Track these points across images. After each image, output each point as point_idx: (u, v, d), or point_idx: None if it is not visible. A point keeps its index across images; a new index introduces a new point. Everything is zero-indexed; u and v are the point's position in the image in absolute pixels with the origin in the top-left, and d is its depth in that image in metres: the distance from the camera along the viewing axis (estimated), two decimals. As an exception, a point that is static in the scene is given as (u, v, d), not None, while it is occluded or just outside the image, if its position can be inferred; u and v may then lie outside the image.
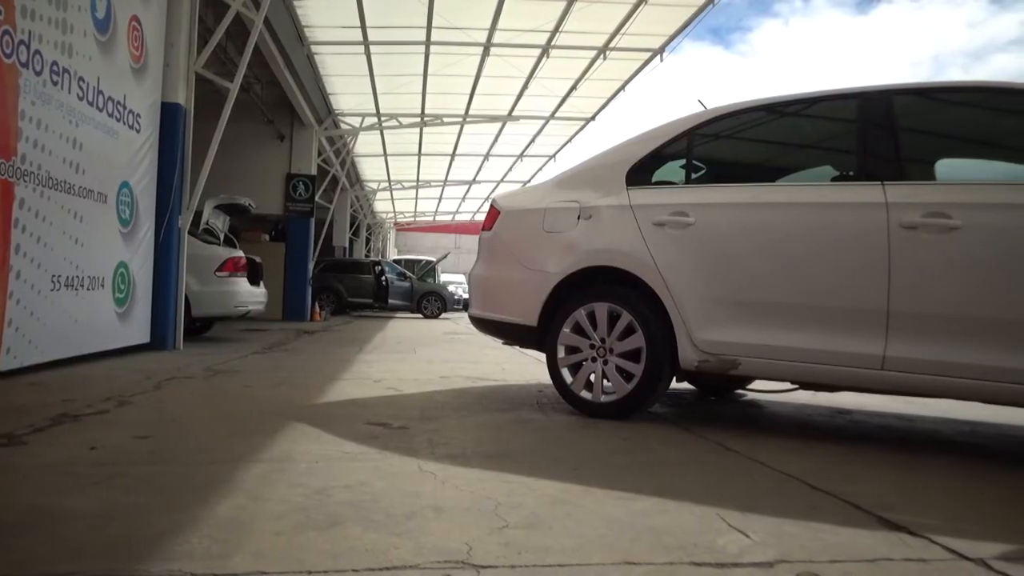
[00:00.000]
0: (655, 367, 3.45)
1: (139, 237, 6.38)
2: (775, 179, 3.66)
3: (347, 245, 23.13)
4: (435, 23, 10.55)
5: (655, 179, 3.80)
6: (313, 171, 14.80)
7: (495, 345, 7.91)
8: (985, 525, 2.03)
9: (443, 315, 19.33)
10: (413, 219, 37.11)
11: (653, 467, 2.63)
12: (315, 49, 11.74)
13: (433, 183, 24.09)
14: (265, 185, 14.15)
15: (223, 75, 8.24)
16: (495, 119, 15.54)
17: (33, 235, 4.64)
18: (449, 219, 35.64)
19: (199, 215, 7.99)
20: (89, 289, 5.46)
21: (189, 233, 7.30)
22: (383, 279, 18.54)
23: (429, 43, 11.36)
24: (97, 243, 5.57)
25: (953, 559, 1.74)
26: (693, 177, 3.79)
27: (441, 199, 28.60)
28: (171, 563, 1.57)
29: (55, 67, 4.82)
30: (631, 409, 3.56)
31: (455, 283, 26.15)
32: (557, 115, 15.43)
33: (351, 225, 24.08)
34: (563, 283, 3.78)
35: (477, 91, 13.76)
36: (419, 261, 25.83)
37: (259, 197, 11.56)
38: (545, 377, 4.13)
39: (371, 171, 22.35)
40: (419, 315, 19.10)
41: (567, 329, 3.72)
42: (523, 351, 7.20)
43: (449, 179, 23.31)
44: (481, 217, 23.08)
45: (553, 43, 11.34)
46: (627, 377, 3.53)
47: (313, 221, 14.97)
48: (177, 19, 6.87)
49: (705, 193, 3.62)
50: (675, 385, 4.14)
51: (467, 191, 26.20)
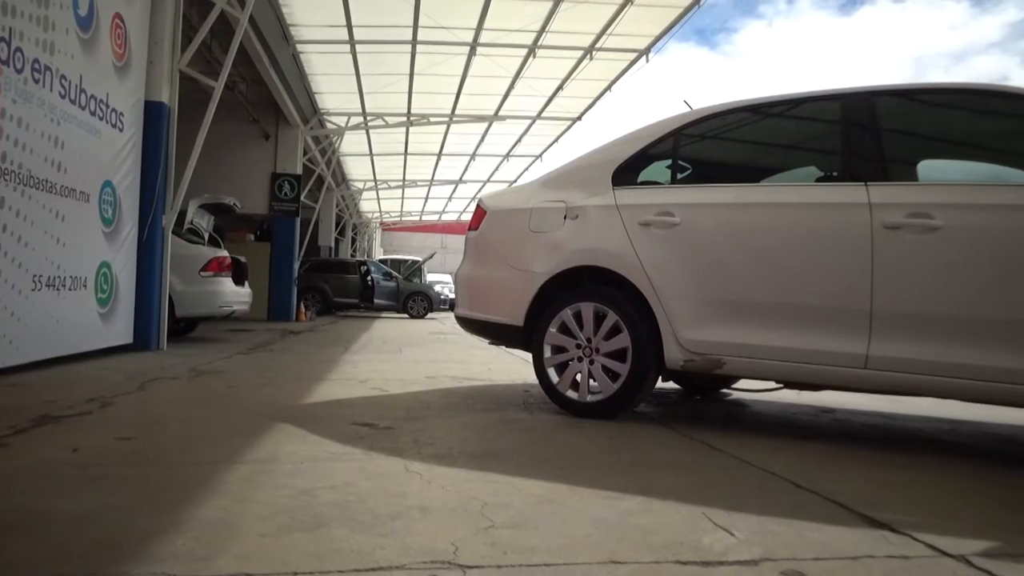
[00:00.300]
0: (641, 367, 3.46)
1: (122, 237, 6.33)
2: (760, 179, 3.69)
3: (333, 245, 23.05)
4: (421, 22, 10.53)
5: (641, 179, 3.81)
6: (299, 170, 14.74)
7: (481, 345, 7.91)
8: (966, 522, 2.05)
9: (429, 315, 19.29)
10: (399, 219, 37.02)
11: (639, 466, 2.64)
12: (301, 48, 11.68)
13: (419, 183, 24.04)
14: (250, 184, 14.08)
15: (208, 74, 8.19)
16: (481, 119, 15.53)
17: (14, 234, 4.59)
18: (435, 219, 35.58)
19: (183, 214, 7.93)
20: (71, 289, 5.41)
21: (173, 232, 7.25)
22: (369, 279, 18.47)
23: (415, 42, 11.34)
24: (79, 243, 5.51)
25: (935, 556, 1.76)
26: (679, 177, 3.80)
27: (427, 199, 28.54)
28: (155, 565, 1.56)
29: (36, 65, 4.77)
30: (617, 409, 3.57)
31: (441, 283, 26.12)
32: (543, 115, 15.44)
33: (337, 225, 24.01)
34: (549, 283, 3.79)
35: (463, 91, 13.75)
36: (405, 261, 25.75)
37: (244, 196, 11.51)
38: (531, 377, 4.13)
39: (357, 170, 22.27)
40: (405, 315, 19.05)
41: (553, 329, 3.73)
42: (509, 351, 7.21)
43: (435, 179, 23.28)
44: (467, 217, 23.07)
45: (539, 43, 11.35)
46: (613, 377, 3.54)
47: (299, 221, 14.91)
48: (161, 17, 6.82)
49: (691, 193, 3.64)
50: (661, 385, 4.16)
51: (453, 191, 26.17)
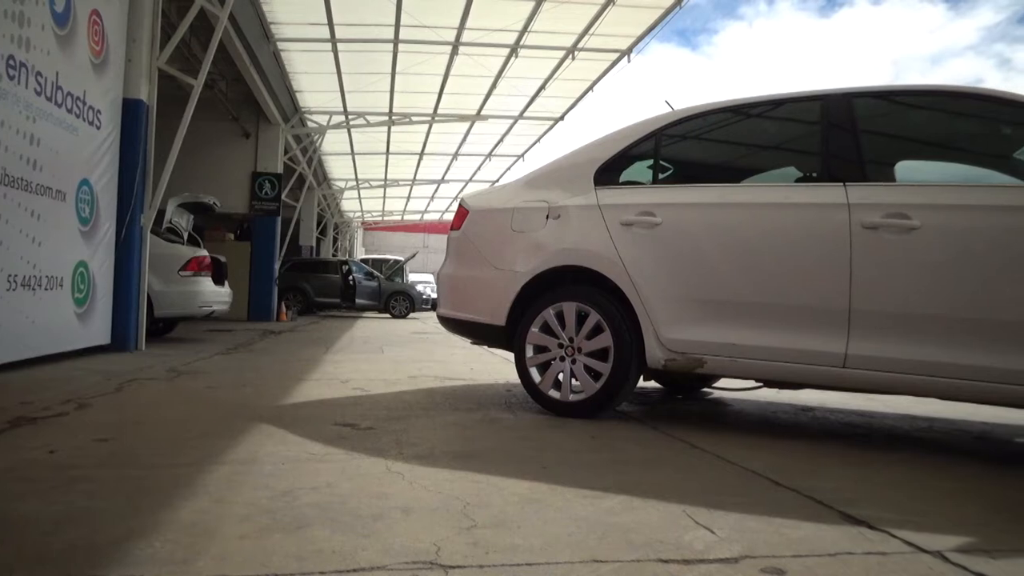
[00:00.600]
0: (623, 366, 3.48)
1: (99, 236, 6.25)
2: (741, 180, 3.72)
3: (314, 244, 22.92)
4: (403, 21, 10.50)
5: (623, 179, 3.83)
6: (279, 169, 14.63)
7: (463, 345, 7.90)
8: (942, 518, 2.08)
9: (411, 315, 19.22)
10: (381, 218, 36.86)
11: (621, 465, 2.65)
12: (282, 46, 11.59)
13: (401, 182, 23.96)
14: (230, 183, 13.96)
15: (187, 71, 8.11)
16: (464, 118, 15.50)
17: (-12, 233, 4.52)
18: (417, 218, 35.48)
19: (162, 213, 7.85)
20: (47, 289, 5.34)
21: (152, 232, 7.17)
22: (350, 279, 18.38)
23: (397, 41, 11.30)
24: (55, 242, 5.44)
25: (912, 552, 1.78)
26: (660, 177, 3.82)
27: (409, 198, 28.45)
28: (132, 568, 1.55)
29: (12, 61, 4.70)
30: (599, 408, 3.58)
31: (423, 283, 26.08)
32: (526, 115, 15.45)
33: (318, 224, 23.87)
34: (531, 283, 3.79)
35: (446, 90, 13.73)
36: (387, 260, 25.69)
37: (224, 195, 11.41)
38: (513, 376, 4.14)
39: (338, 170, 22.16)
40: (387, 315, 18.97)
41: (535, 328, 3.73)
42: (491, 351, 7.21)
43: (417, 178, 23.22)
44: (450, 216, 23.04)
45: (522, 43, 11.36)
46: (595, 376, 3.55)
47: (279, 220, 14.78)
48: (139, 14, 6.74)
49: (672, 193, 3.66)
50: (642, 384, 4.18)
51: (435, 190, 26.10)
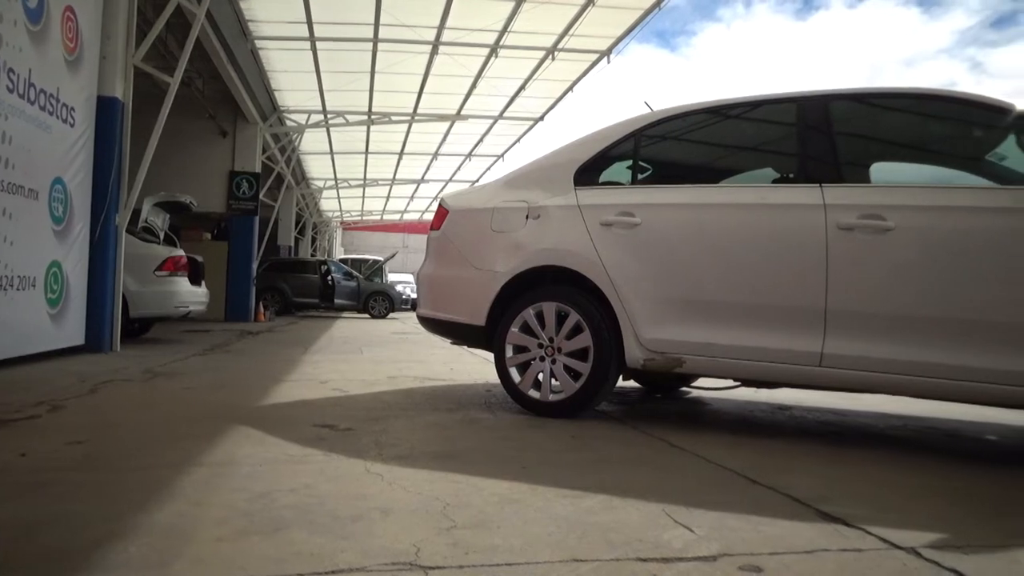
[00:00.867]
0: (602, 366, 3.49)
1: (73, 235, 6.16)
2: (719, 180, 3.75)
3: (292, 244, 22.76)
4: (383, 20, 10.45)
5: (602, 179, 3.84)
6: (257, 168, 14.50)
7: (443, 345, 7.89)
8: (916, 515, 2.11)
9: (391, 315, 19.15)
10: (360, 218, 36.67)
11: (600, 465, 2.66)
12: (260, 44, 11.49)
13: (381, 182, 23.84)
14: (207, 182, 13.81)
15: (163, 69, 8.00)
16: (444, 118, 15.46)
17: (-42, 233, 4.44)
18: (397, 218, 35.33)
19: (138, 213, 7.75)
20: (19, 289, 5.25)
21: (127, 231, 7.08)
22: (329, 279, 18.27)
23: (377, 40, 11.24)
24: (28, 241, 5.35)
25: (886, 548, 1.81)
26: (639, 178, 3.84)
27: (389, 198, 28.32)
28: (107, 573, 1.53)
29: (-18, 57, 4.62)
30: (579, 407, 3.59)
31: (403, 283, 25.96)
32: (506, 115, 15.44)
33: (297, 224, 23.70)
34: (511, 283, 3.79)
35: (425, 89, 13.68)
36: (366, 260, 25.53)
37: (201, 195, 11.29)
38: (493, 376, 4.13)
39: (317, 169, 22.01)
40: (366, 315, 18.88)
41: (515, 328, 3.73)
42: (472, 351, 7.20)
43: (397, 178, 23.10)
44: (429, 216, 22.99)
45: (502, 43, 11.35)
46: (575, 376, 3.56)
47: (257, 219, 14.66)
48: (114, 10, 6.64)
49: (651, 194, 3.67)
50: (622, 383, 4.19)
51: (415, 190, 26.01)
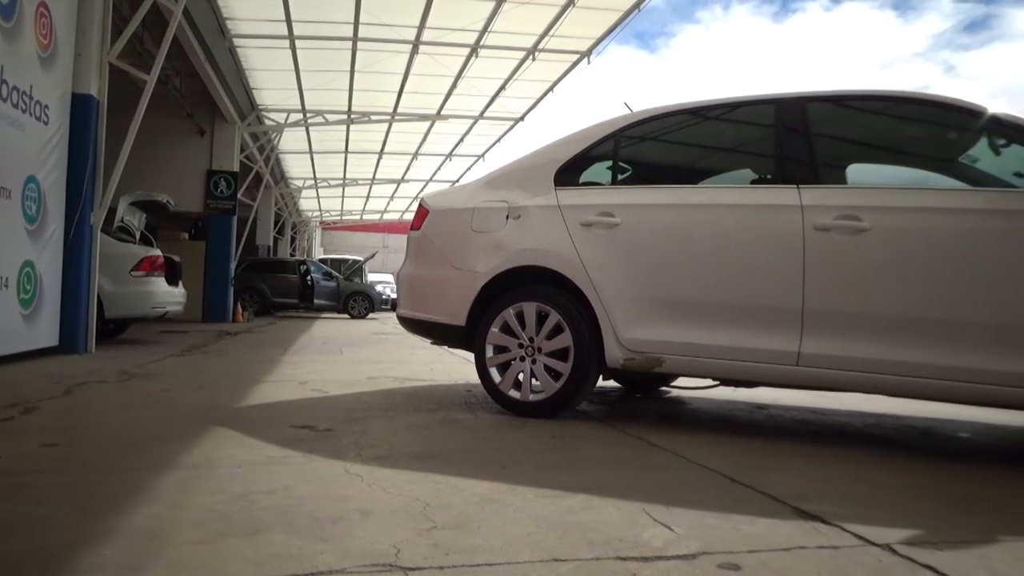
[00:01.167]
0: (582, 366, 3.50)
1: (47, 235, 6.07)
2: (698, 181, 3.77)
3: (271, 244, 22.57)
4: (363, 19, 10.41)
5: (583, 180, 3.85)
6: (235, 168, 14.37)
7: (423, 345, 7.87)
8: (891, 512, 2.14)
9: (370, 315, 19.07)
10: (340, 218, 36.47)
11: (580, 464, 2.67)
12: (238, 42, 11.40)
13: (360, 181, 23.74)
14: (184, 181, 13.66)
15: (139, 67, 7.91)
16: (424, 118, 15.42)
17: (-72, 232, 4.36)
18: (377, 218, 35.18)
19: (113, 212, 7.65)
20: (-9, 289, 5.16)
21: (102, 231, 6.98)
22: (308, 279, 18.16)
23: (356, 39, 11.19)
24: (0, 241, 5.26)
25: (862, 545, 1.83)
26: (619, 178, 3.85)
27: (369, 198, 28.20)
28: (82, 576, 1.51)
29: (-47, 53, 4.54)
30: (559, 407, 3.60)
31: (383, 283, 25.86)
32: (486, 115, 15.44)
33: (276, 223, 23.51)
34: (492, 283, 3.79)
35: (406, 89, 13.64)
36: (346, 260, 25.42)
37: (178, 194, 11.18)
38: (474, 377, 4.13)
39: (296, 168, 21.87)
40: (346, 315, 18.78)
41: (496, 329, 3.73)
42: (452, 351, 7.19)
43: (377, 177, 23.02)
44: (409, 216, 22.90)
45: (482, 43, 11.36)
46: (555, 376, 3.57)
47: (235, 219, 14.53)
48: (89, 7, 6.55)
49: (630, 194, 3.69)
50: (602, 383, 4.21)
51: (395, 190, 25.91)
